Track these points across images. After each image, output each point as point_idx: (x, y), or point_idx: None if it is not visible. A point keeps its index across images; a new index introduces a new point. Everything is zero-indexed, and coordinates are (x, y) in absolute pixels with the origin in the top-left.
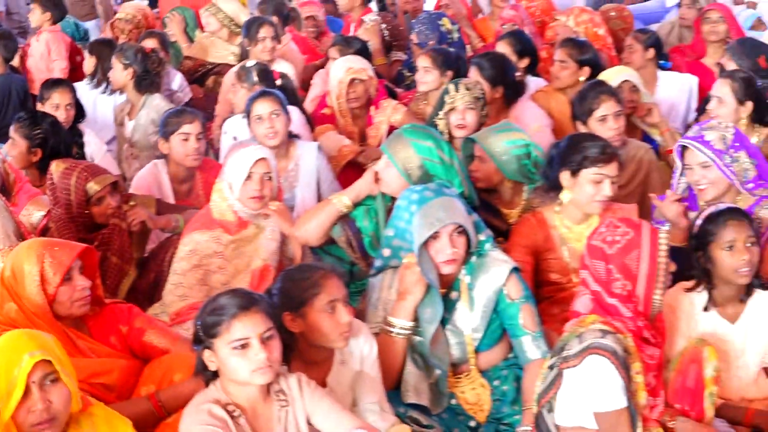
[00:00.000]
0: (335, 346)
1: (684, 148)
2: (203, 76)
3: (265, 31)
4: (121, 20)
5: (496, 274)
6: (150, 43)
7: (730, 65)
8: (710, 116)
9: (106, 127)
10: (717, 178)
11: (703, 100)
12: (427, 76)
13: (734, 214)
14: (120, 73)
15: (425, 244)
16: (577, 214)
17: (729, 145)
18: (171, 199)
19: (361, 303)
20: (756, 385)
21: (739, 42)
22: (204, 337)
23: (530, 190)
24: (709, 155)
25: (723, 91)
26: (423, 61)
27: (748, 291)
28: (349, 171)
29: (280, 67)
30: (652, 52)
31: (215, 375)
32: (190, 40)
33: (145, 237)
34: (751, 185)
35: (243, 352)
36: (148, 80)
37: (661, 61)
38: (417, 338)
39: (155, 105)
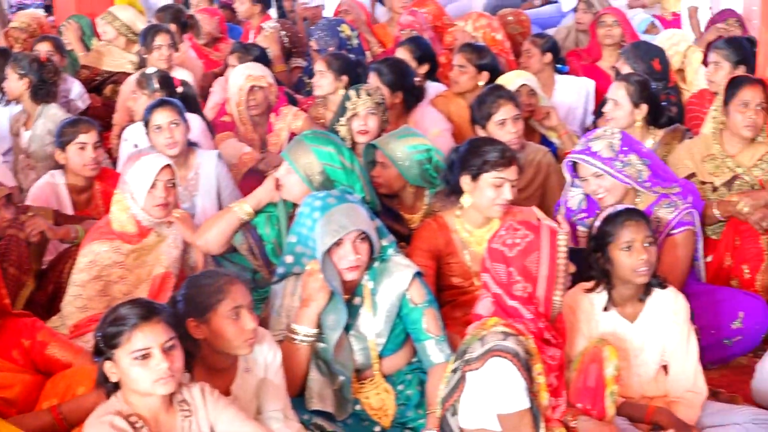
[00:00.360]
0: (239, 352)
1: (574, 162)
2: (101, 84)
3: (161, 39)
4: (15, 29)
5: (398, 279)
6: (44, 47)
7: (625, 68)
8: (606, 119)
9: (2, 138)
10: (612, 184)
11: (600, 103)
12: (322, 80)
13: (632, 214)
14: (15, 83)
15: (328, 251)
16: (478, 217)
17: (618, 151)
18: (69, 210)
19: (264, 311)
20: (655, 383)
21: (634, 46)
22: (105, 348)
23: (431, 194)
24: (600, 166)
25: (618, 94)
26: (318, 66)
27: (646, 290)
28: (250, 178)
29: (178, 74)
30: (549, 56)
31: (117, 386)
32: (87, 48)
33: (42, 248)
34: (648, 184)
35: (144, 363)
36: (44, 90)
37: (558, 65)
38: (321, 345)
39: (51, 115)
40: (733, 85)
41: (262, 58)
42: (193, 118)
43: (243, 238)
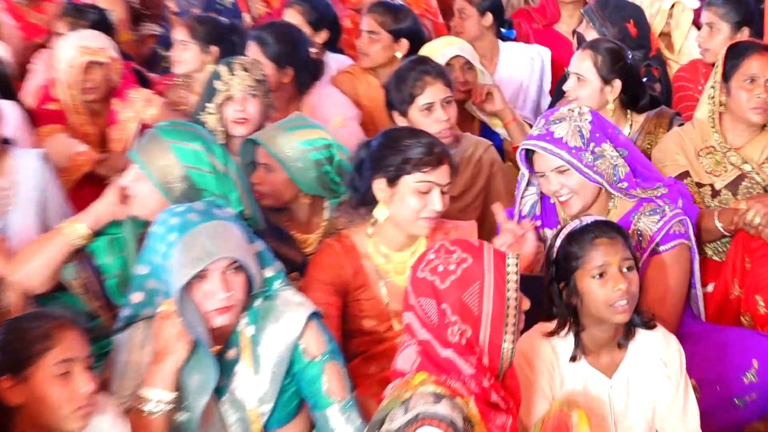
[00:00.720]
0: (69, 426)
1: (529, 151)
2: None
3: None
4: None
5: (289, 323)
6: None
7: (591, 33)
8: (568, 99)
9: None
10: (580, 183)
11: (559, 79)
12: (184, 52)
13: (604, 229)
14: None
15: (189, 286)
16: (398, 236)
17: (588, 138)
18: None
19: (105, 370)
20: None
21: (600, 4)
22: None
23: (333, 206)
24: (565, 157)
25: (583, 66)
26: (179, 34)
27: (627, 332)
28: (85, 187)
29: None
30: (489, 17)
31: None
32: None
33: None
34: (624, 184)
35: None
36: None
37: (503, 30)
38: (181, 415)
39: None
40: (735, 54)
41: (102, 23)
42: (6, 106)
43: (76, 271)
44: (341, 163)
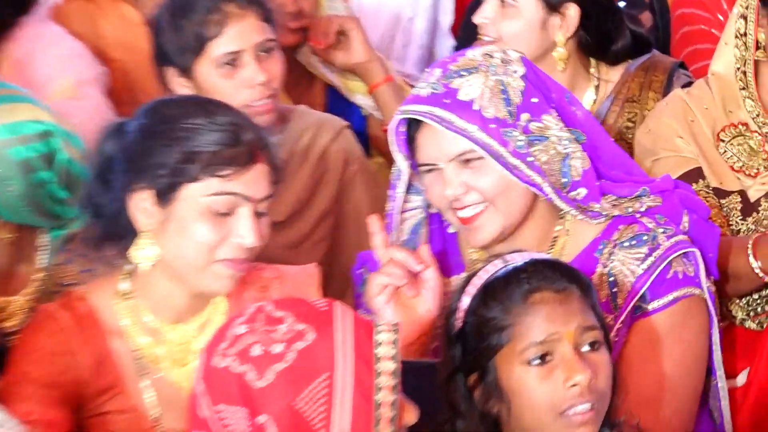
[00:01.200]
0: None
1: (413, 128)
2: None
3: None
4: None
5: None
6: None
7: None
8: (484, 41)
9: None
10: (501, 184)
11: (468, 5)
12: None
13: (546, 274)
14: None
15: None
16: (176, 296)
17: (519, 104)
18: None
19: None
20: None
21: None
22: None
23: (56, 243)
24: (476, 135)
25: None
26: None
27: None
28: None
29: None
30: None
31: None
32: None
33: None
34: (581, 192)
35: None
36: None
37: None
38: None
39: None
40: None
41: None
42: None
43: None
44: (70, 165)
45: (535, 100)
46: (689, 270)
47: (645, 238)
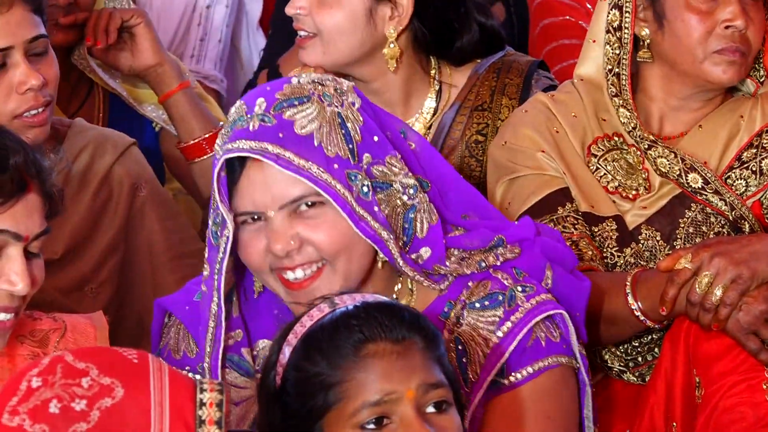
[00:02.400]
0: None
1: (233, 164)
2: None
3: None
4: None
5: None
6: None
7: None
8: (299, 35)
9: None
10: (342, 239)
11: None
12: None
13: (382, 321)
14: None
15: None
16: None
17: (360, 142)
18: None
19: None
20: None
21: None
22: None
23: None
24: (318, 177)
25: None
26: None
27: None
28: None
29: None
30: None
31: None
32: None
33: None
34: (425, 252)
35: None
36: None
37: None
38: None
39: None
40: None
41: None
42: None
43: None
44: None
45: (376, 138)
46: (554, 335)
47: (501, 297)
